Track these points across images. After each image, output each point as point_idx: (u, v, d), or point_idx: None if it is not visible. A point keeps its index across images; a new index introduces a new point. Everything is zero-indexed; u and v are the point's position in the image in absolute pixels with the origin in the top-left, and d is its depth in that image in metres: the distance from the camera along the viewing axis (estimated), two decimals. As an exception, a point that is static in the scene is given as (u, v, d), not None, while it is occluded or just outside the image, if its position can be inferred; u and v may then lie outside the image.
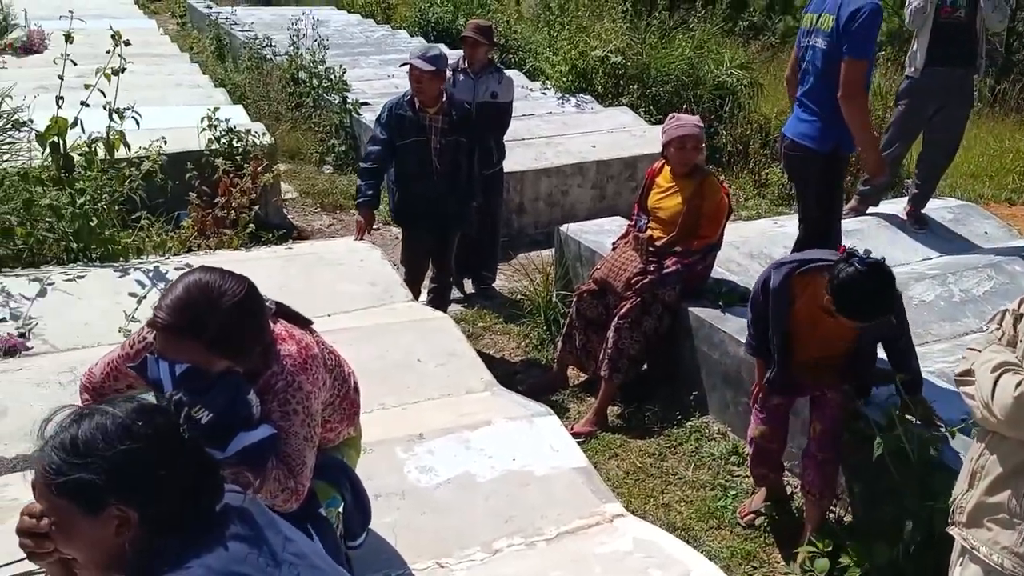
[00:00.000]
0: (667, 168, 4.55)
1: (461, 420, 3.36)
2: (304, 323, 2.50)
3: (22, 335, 3.88)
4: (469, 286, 5.94)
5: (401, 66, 4.97)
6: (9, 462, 3.07)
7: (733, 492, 3.97)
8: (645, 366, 4.66)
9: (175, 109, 7.23)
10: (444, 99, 4.69)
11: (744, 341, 3.77)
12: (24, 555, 1.60)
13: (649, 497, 3.94)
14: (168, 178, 5.35)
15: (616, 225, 5.37)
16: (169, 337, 2.14)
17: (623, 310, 4.43)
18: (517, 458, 3.17)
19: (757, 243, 5.35)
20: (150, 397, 2.19)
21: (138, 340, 2.38)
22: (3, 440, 3.14)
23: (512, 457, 3.17)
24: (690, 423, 4.40)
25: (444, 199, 4.80)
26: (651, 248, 4.46)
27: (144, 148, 5.30)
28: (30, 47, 8.97)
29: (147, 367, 2.24)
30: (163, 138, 5.50)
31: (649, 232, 4.53)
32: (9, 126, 4.89)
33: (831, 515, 3.65)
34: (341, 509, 2.50)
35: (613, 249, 4.72)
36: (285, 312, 2.46)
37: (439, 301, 5.17)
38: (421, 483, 3.03)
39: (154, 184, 5.26)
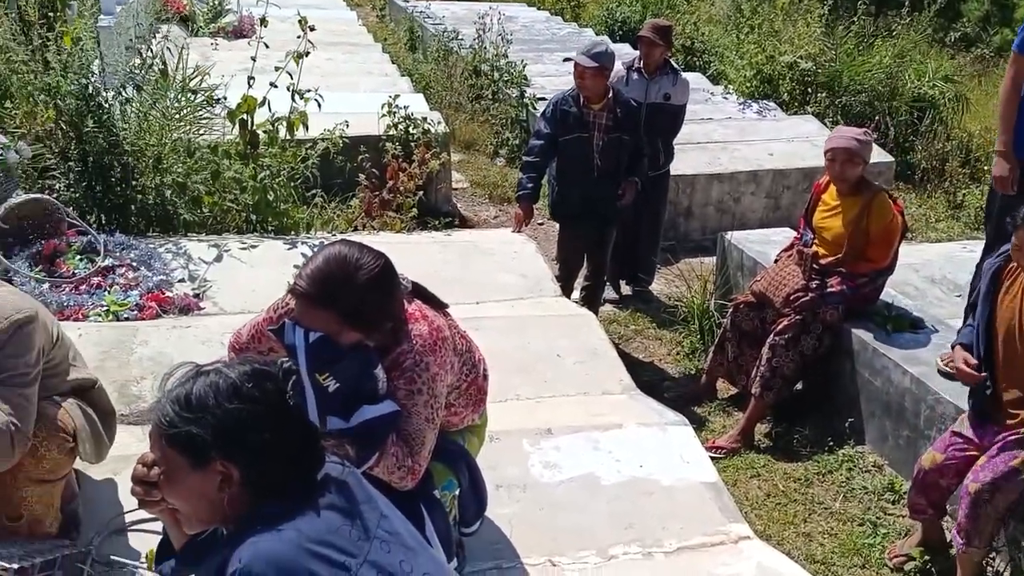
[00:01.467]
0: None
1: (592, 420, 3.31)
2: (439, 305, 2.52)
3: (196, 296, 4.16)
4: (625, 287, 5.85)
5: (565, 61, 4.95)
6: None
7: (884, 531, 3.68)
8: (799, 386, 4.42)
9: (362, 95, 7.55)
10: (610, 96, 4.63)
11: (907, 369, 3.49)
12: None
13: (789, 524, 3.72)
14: (346, 160, 5.61)
15: (783, 236, 5.13)
16: (306, 305, 2.21)
17: (780, 327, 4.21)
18: (645, 465, 3.08)
19: (939, 267, 4.96)
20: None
21: (281, 305, 2.48)
22: (166, 390, 3.37)
23: (640, 463, 3.08)
24: (842, 451, 4.12)
25: (603, 197, 4.74)
26: (815, 266, 4.21)
27: (327, 130, 5.57)
28: (240, 31, 9.64)
29: (284, 332, 2.32)
30: (346, 121, 5.76)
31: (814, 248, 4.28)
32: (206, 102, 5.25)
33: (989, 568, 3.31)
34: (456, 494, 2.50)
35: (775, 262, 4.49)
36: (421, 292, 2.49)
37: (591, 300, 5.12)
38: (543, 478, 3.00)
39: (332, 164, 5.53)
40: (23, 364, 2.33)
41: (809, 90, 8.67)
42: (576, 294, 5.16)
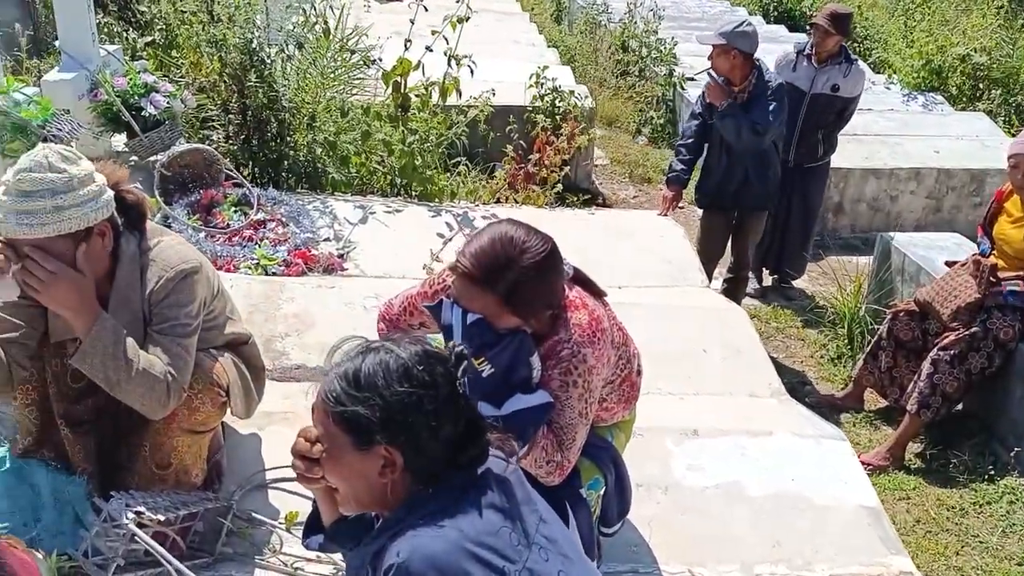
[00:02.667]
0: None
1: (740, 424, 3.13)
2: (598, 293, 2.39)
3: (341, 256, 4.18)
4: (767, 279, 5.58)
5: (697, 38, 4.82)
6: (310, 371, 3.29)
7: (1045, 574, 3.39)
8: (960, 406, 4.10)
9: (508, 64, 7.46)
10: (752, 78, 4.39)
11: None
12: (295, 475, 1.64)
13: (940, 555, 3.47)
14: (491, 129, 5.54)
15: (953, 242, 4.77)
16: (467, 284, 2.12)
17: (946, 341, 3.91)
18: (796, 479, 2.89)
19: None
20: (439, 339, 2.20)
21: (438, 281, 2.40)
22: (309, 350, 3.38)
23: (791, 477, 2.90)
24: (1004, 482, 3.81)
25: (736, 181, 4.56)
26: (992, 279, 3.87)
27: (474, 97, 5.50)
28: (394, -6, 9.68)
29: (441, 310, 2.25)
30: (492, 90, 5.67)
31: (992, 259, 3.94)
32: (361, 63, 5.26)
33: None
34: (602, 492, 2.39)
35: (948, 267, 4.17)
36: (581, 279, 2.37)
37: (733, 292, 4.91)
38: (687, 481, 2.85)
39: (476, 133, 5.47)
40: (184, 315, 2.34)
41: (980, 85, 8.08)
42: (716, 284, 4.96)
